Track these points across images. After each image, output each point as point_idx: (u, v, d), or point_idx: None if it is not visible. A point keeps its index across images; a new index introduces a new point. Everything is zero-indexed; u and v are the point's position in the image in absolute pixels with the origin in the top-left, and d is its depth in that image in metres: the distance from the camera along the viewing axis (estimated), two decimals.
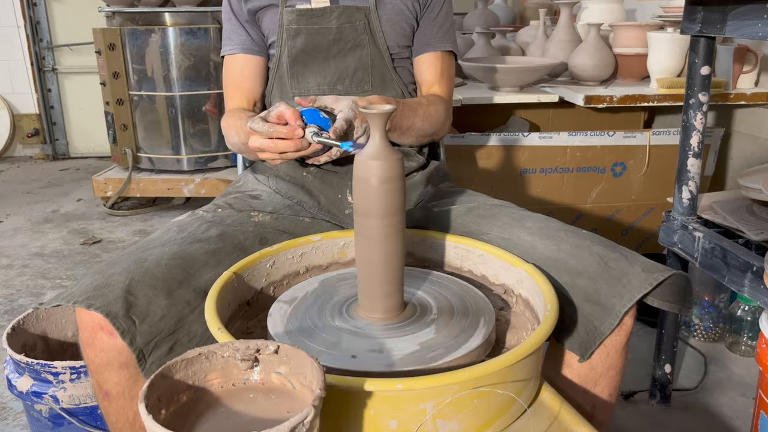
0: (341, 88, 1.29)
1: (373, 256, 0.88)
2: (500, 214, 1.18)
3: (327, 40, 1.27)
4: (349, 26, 1.26)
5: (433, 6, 1.32)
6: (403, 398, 0.73)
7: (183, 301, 0.99)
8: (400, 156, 0.86)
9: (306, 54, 1.28)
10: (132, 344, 0.93)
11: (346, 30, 1.26)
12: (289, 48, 1.28)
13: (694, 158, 1.51)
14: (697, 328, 2.01)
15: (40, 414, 1.42)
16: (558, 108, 2.35)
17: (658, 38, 2.07)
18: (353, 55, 1.28)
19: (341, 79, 1.29)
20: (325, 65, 1.29)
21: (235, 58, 1.33)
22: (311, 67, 1.29)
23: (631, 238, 2.38)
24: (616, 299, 0.97)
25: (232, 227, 1.13)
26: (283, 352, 0.70)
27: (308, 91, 1.30)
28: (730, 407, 1.71)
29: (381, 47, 1.28)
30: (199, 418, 0.68)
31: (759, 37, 1.21)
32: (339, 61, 1.28)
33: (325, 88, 1.30)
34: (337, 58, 1.28)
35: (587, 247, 1.04)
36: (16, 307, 2.33)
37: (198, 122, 3.28)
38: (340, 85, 1.30)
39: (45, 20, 4.45)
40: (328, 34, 1.26)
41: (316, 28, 1.26)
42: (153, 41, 3.15)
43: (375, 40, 1.27)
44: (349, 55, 1.28)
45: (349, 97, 1.09)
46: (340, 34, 1.26)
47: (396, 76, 1.32)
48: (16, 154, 4.69)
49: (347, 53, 1.28)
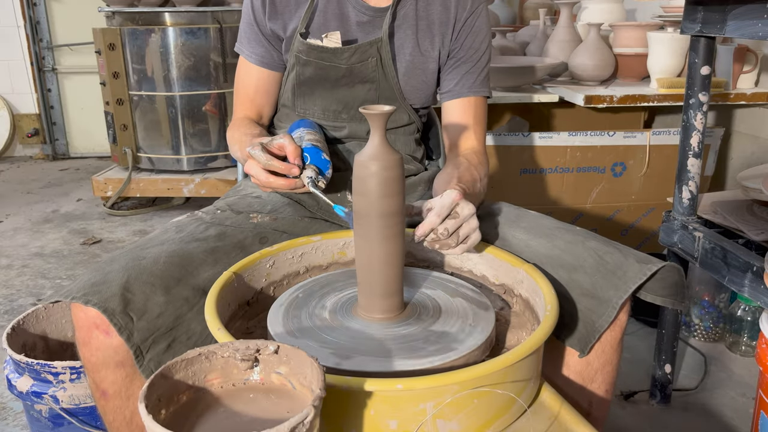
0: (346, 117, 1.28)
1: (373, 256, 0.88)
2: (495, 213, 1.18)
3: (336, 75, 1.24)
4: (360, 65, 1.22)
5: (470, 57, 1.27)
6: (403, 398, 0.73)
7: (181, 299, 0.99)
8: (399, 156, 0.86)
9: (314, 82, 1.26)
10: (129, 340, 0.93)
11: (357, 68, 1.23)
12: (298, 73, 1.25)
13: (694, 158, 1.51)
14: (697, 328, 2.01)
15: (40, 414, 1.42)
16: (558, 108, 2.35)
17: (658, 38, 2.08)
18: (362, 88, 1.25)
19: (347, 108, 1.27)
20: (332, 93, 1.26)
21: (252, 68, 1.31)
22: (318, 92, 1.27)
23: (631, 238, 2.38)
24: (612, 291, 0.98)
25: (231, 228, 1.13)
26: (283, 352, 0.70)
27: (313, 113, 1.29)
28: (730, 407, 1.71)
29: (392, 81, 1.24)
30: (199, 418, 0.68)
31: (759, 37, 1.21)
32: (346, 91, 1.26)
33: (329, 114, 1.28)
34: (344, 89, 1.26)
35: (581, 242, 1.05)
36: (16, 307, 2.33)
37: (198, 122, 3.28)
38: (345, 114, 1.28)
39: (45, 20, 4.45)
40: (337, 71, 1.23)
41: (326, 64, 1.23)
42: (153, 41, 3.15)
43: (386, 75, 1.24)
44: (358, 87, 1.25)
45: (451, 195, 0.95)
46: (350, 71, 1.23)
47: (406, 106, 1.29)
48: (16, 154, 4.69)
49: (356, 85, 1.25)
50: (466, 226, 0.95)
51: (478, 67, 1.29)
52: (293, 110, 1.31)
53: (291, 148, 1.02)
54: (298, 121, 1.25)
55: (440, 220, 0.93)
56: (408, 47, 1.24)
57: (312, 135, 1.15)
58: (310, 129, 1.18)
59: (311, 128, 1.19)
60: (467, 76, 1.28)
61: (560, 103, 2.19)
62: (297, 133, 1.16)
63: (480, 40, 1.28)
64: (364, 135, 1.28)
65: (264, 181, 1.02)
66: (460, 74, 1.28)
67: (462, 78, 1.28)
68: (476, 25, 1.27)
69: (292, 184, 1.02)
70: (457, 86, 1.29)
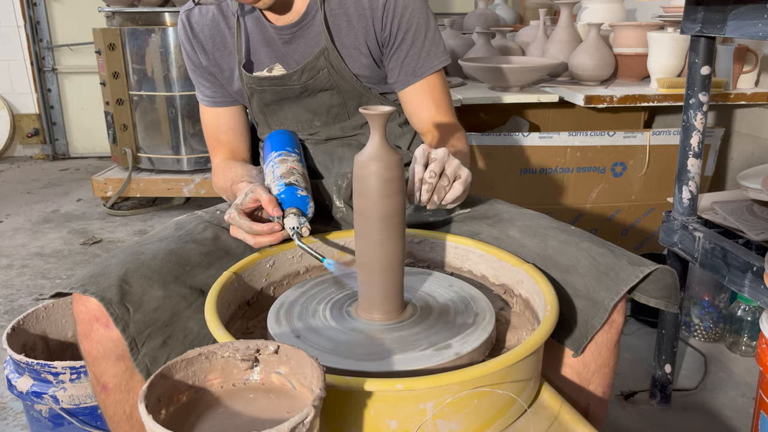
0: (318, 123, 1.28)
1: (373, 256, 0.88)
2: (491, 212, 1.18)
3: (294, 93, 1.24)
4: (313, 81, 1.21)
5: (403, 40, 1.18)
6: (403, 398, 0.73)
7: (178, 295, 0.99)
8: (399, 156, 0.86)
9: (276, 101, 1.26)
10: (125, 331, 0.94)
11: (311, 84, 1.22)
12: (259, 98, 1.26)
13: (694, 158, 1.51)
14: (697, 328, 2.01)
15: (40, 414, 1.42)
16: (558, 108, 2.35)
17: (658, 38, 2.07)
18: (324, 95, 1.24)
19: (317, 115, 1.27)
20: (298, 105, 1.26)
21: (207, 111, 1.32)
22: (285, 107, 1.27)
23: (631, 238, 2.38)
24: (605, 293, 0.98)
25: (227, 231, 1.13)
26: (283, 352, 0.70)
27: (287, 126, 1.29)
28: (730, 407, 1.71)
29: (351, 81, 1.21)
30: (199, 418, 0.68)
31: (759, 37, 1.21)
32: (311, 101, 1.25)
33: (303, 123, 1.28)
34: (308, 100, 1.25)
35: (575, 243, 1.05)
36: (16, 307, 2.33)
37: (198, 122, 3.27)
38: (317, 121, 1.28)
39: (45, 20, 4.45)
40: (293, 91, 1.23)
41: (279, 89, 1.23)
42: (153, 41, 3.15)
43: (344, 77, 1.20)
44: (320, 95, 1.24)
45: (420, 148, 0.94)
46: (305, 87, 1.22)
47: (374, 97, 1.26)
48: (16, 154, 4.69)
49: (317, 94, 1.24)
50: (449, 165, 0.93)
51: (415, 46, 1.19)
52: (268, 127, 1.32)
53: (265, 199, 1.02)
54: (270, 136, 1.26)
55: (423, 167, 0.92)
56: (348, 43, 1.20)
57: (283, 164, 1.14)
58: (282, 151, 1.18)
59: (282, 149, 1.19)
60: (408, 61, 1.20)
61: (560, 103, 2.19)
62: (269, 167, 1.16)
63: (407, 19, 1.17)
64: (340, 134, 1.28)
65: (254, 244, 1.04)
66: (400, 61, 1.20)
67: (402, 64, 1.20)
68: (398, 6, 1.17)
69: (278, 238, 1.04)
70: (402, 74, 1.21)
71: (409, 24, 1.18)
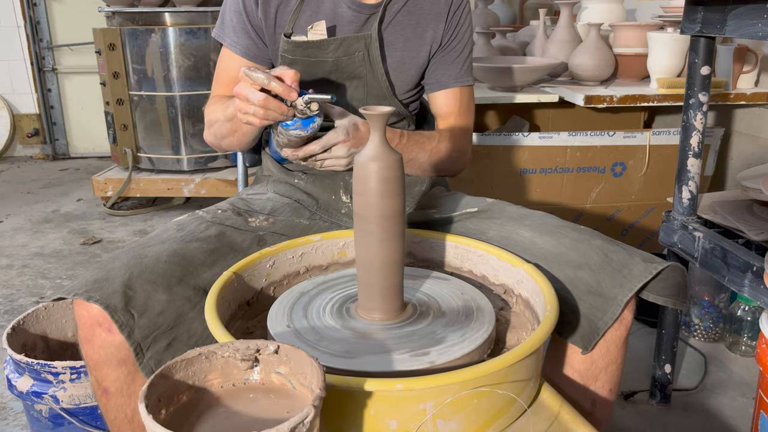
0: None
1: (373, 256, 0.88)
2: (498, 212, 1.18)
3: (323, 71, 1.22)
4: (346, 58, 1.20)
5: (454, 47, 1.28)
6: (403, 398, 0.73)
7: (182, 298, 0.99)
8: (399, 156, 0.86)
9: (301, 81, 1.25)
10: (130, 338, 0.94)
11: (344, 62, 1.21)
12: None
13: (694, 158, 1.51)
14: (697, 328, 2.01)
15: (40, 414, 1.42)
16: (558, 108, 2.35)
17: (658, 38, 2.07)
18: (350, 85, 1.24)
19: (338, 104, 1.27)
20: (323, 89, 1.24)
21: (235, 58, 1.26)
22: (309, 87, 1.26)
23: (631, 238, 2.38)
24: (618, 289, 0.98)
25: (230, 228, 1.13)
26: (283, 352, 0.71)
27: None
28: (730, 407, 1.71)
29: (380, 78, 1.23)
30: (199, 418, 0.68)
31: (759, 37, 1.21)
32: (335, 88, 1.24)
33: None
34: (333, 85, 1.24)
35: (587, 240, 1.06)
36: (16, 307, 2.33)
37: (198, 122, 3.28)
38: None
39: (45, 20, 4.45)
40: (324, 66, 1.21)
41: (312, 60, 1.20)
42: (153, 41, 3.15)
43: (374, 71, 1.22)
44: (346, 84, 1.24)
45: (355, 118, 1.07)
46: (337, 65, 1.21)
47: (396, 103, 1.27)
48: (16, 154, 4.69)
49: (344, 82, 1.24)
50: None
51: (462, 56, 1.29)
52: None
53: (290, 73, 0.96)
54: None
55: None
56: (398, 43, 1.24)
57: None
58: None
59: None
60: (452, 67, 1.28)
61: (560, 103, 2.19)
62: None
63: (464, 30, 1.28)
64: None
65: (259, 102, 0.95)
66: (446, 65, 1.28)
67: (448, 69, 1.28)
68: (463, 15, 1.27)
69: (284, 111, 0.97)
70: (444, 77, 1.28)
71: (463, 36, 1.28)
